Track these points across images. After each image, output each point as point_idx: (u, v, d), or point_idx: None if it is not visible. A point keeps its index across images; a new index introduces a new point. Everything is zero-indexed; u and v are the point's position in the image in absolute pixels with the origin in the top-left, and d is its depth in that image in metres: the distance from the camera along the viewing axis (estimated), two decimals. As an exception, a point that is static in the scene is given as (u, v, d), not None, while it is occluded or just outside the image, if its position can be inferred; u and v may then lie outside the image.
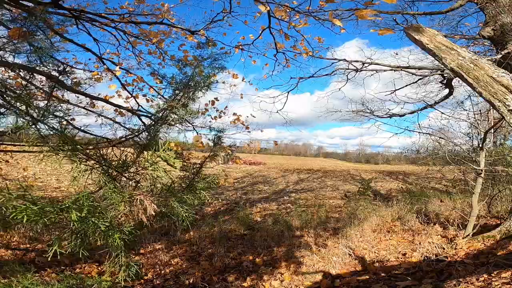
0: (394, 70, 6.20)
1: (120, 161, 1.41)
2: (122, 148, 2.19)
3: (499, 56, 2.76)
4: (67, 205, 1.14)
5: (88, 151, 1.28)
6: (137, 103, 3.69)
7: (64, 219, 1.15)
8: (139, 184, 1.44)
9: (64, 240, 1.20)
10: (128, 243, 1.50)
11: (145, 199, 1.30)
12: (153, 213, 1.31)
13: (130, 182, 1.43)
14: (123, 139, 2.11)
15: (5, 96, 1.36)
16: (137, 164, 1.44)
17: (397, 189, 10.64)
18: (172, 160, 1.38)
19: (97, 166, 1.31)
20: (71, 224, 1.16)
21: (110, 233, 1.31)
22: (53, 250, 1.15)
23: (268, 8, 3.69)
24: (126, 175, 1.42)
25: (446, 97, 6.00)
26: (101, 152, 1.34)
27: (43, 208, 1.08)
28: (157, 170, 1.34)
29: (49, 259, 1.21)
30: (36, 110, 1.31)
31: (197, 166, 2.00)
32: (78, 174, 1.28)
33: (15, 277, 1.22)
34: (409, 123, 20.62)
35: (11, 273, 1.25)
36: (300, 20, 4.02)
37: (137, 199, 1.30)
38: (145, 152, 1.59)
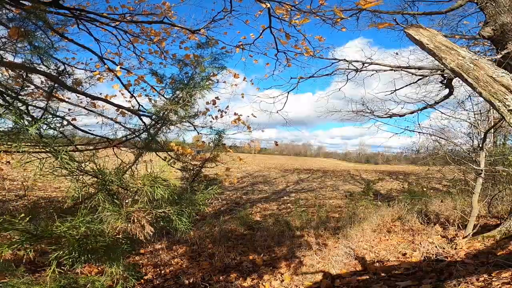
0: (394, 70, 6.19)
1: (118, 175, 1.39)
2: (120, 148, 2.19)
3: (499, 56, 2.76)
4: (63, 230, 1.15)
5: (84, 166, 1.27)
6: (138, 103, 3.69)
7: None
8: (137, 196, 1.41)
9: (61, 257, 1.21)
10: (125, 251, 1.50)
11: (142, 218, 1.29)
12: (150, 232, 1.29)
13: (129, 194, 1.41)
14: (124, 139, 2.11)
15: (5, 96, 1.36)
16: (135, 181, 1.41)
17: (397, 189, 10.65)
18: (172, 181, 1.37)
19: (93, 182, 1.30)
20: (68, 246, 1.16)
21: (107, 254, 1.31)
22: (51, 269, 1.17)
23: (269, 5, 3.69)
24: (125, 188, 1.40)
25: (446, 97, 5.99)
26: (98, 167, 1.32)
27: (36, 236, 1.09)
28: (158, 188, 1.33)
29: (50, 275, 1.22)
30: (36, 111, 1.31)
31: (197, 167, 1.99)
32: (76, 193, 1.27)
33: (5, 276, 1.22)
34: (409, 123, 20.62)
35: (4, 272, 1.25)
36: (301, 19, 4.02)
37: (134, 216, 1.29)
38: (143, 161, 1.57)
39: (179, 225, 1.46)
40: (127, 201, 1.37)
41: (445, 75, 5.59)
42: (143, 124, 2.04)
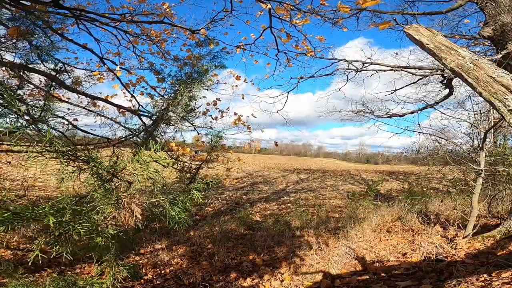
0: (394, 70, 6.19)
1: (111, 162, 1.36)
2: (120, 148, 2.19)
3: (499, 56, 2.76)
4: (45, 210, 1.09)
5: (76, 151, 1.24)
6: (138, 102, 3.68)
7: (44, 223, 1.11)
8: (131, 185, 1.38)
9: (49, 244, 1.17)
10: (121, 246, 1.47)
11: (131, 202, 1.26)
12: (139, 216, 1.25)
13: (122, 183, 1.38)
14: (123, 138, 2.11)
15: (5, 95, 1.36)
16: (128, 165, 1.38)
17: (397, 189, 10.65)
18: (163, 161, 1.33)
19: (85, 167, 1.27)
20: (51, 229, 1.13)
21: (93, 238, 1.27)
22: (34, 255, 1.11)
23: (269, 6, 3.69)
24: (118, 176, 1.37)
25: (446, 97, 5.99)
26: (90, 152, 1.30)
27: (19, 213, 1.04)
28: (147, 171, 1.29)
29: (29, 263, 1.17)
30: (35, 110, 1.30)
31: (194, 169, 1.98)
32: (65, 176, 1.23)
33: (5, 277, 1.20)
34: (409, 123, 20.64)
35: (4, 273, 1.24)
36: (302, 20, 4.02)
37: (124, 201, 1.25)
38: (137, 153, 1.55)
39: (172, 214, 1.40)
40: (117, 185, 1.34)
41: (445, 75, 5.59)
42: (142, 123, 2.04)
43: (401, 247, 3.64)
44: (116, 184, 1.36)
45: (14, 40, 1.41)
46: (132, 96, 3.83)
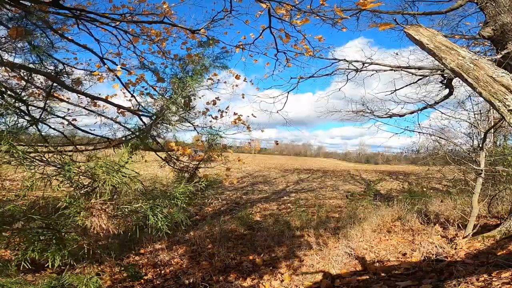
0: (394, 70, 6.19)
1: (86, 167, 1.26)
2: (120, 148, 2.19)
3: (499, 56, 2.76)
4: None
5: (47, 156, 1.18)
6: (138, 102, 3.68)
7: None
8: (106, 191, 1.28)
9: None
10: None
11: (102, 211, 1.18)
12: (104, 225, 1.17)
13: (98, 189, 1.28)
14: (124, 139, 2.10)
15: (5, 96, 1.36)
16: (97, 170, 1.25)
17: (397, 189, 10.65)
18: (128, 167, 1.22)
19: (55, 173, 1.19)
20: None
21: (50, 247, 1.22)
22: None
23: (269, 5, 3.68)
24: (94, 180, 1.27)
25: (446, 97, 5.98)
26: (62, 157, 1.22)
27: None
28: (115, 177, 1.19)
29: None
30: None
31: (192, 168, 1.97)
32: (33, 183, 1.16)
33: None
34: (409, 123, 20.60)
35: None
36: (302, 20, 4.02)
37: (94, 208, 1.18)
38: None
39: (152, 221, 1.32)
40: (82, 191, 1.27)
41: (445, 75, 5.59)
42: (142, 123, 2.04)
43: (401, 247, 3.64)
44: (88, 190, 1.28)
45: (14, 41, 1.41)
46: (132, 96, 3.82)
